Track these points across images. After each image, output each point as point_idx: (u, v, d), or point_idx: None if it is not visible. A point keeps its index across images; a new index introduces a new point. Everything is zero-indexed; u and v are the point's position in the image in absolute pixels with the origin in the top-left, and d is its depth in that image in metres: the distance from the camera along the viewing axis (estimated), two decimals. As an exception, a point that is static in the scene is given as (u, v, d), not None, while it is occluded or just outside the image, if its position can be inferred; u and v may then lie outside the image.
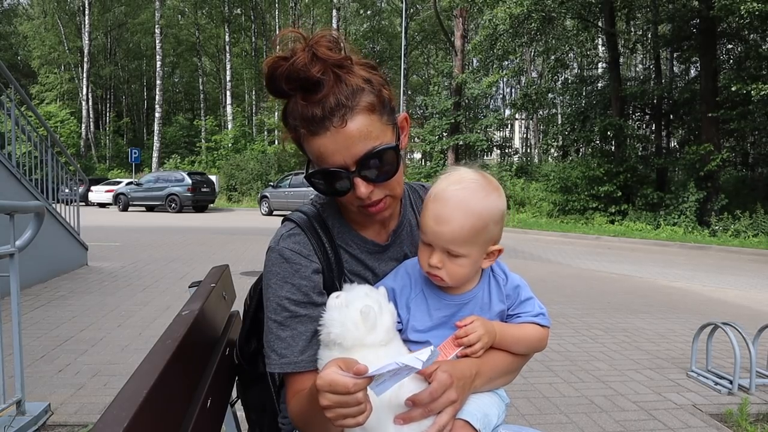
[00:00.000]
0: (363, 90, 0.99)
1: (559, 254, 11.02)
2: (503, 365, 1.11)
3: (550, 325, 1.15)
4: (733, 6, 13.15)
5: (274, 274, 1.08)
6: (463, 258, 1.03)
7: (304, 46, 0.97)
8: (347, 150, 0.98)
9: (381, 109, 1.01)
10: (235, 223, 16.98)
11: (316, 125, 0.97)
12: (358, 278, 1.14)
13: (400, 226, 1.20)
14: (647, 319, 5.45)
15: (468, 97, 26.22)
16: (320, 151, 0.99)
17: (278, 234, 1.12)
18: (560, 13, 16.79)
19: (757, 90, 13.08)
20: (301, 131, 1.00)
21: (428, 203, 1.06)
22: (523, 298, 1.13)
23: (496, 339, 1.07)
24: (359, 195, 1.01)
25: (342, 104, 0.96)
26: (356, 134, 0.97)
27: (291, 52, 0.98)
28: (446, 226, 1.01)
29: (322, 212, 1.16)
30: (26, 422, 2.57)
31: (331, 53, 0.98)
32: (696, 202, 15.34)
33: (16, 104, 6.01)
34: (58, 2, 39.09)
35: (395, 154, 1.03)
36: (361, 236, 1.16)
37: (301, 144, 1.04)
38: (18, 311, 2.59)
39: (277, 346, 1.05)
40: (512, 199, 20.73)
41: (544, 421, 2.90)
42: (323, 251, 1.11)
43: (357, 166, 0.99)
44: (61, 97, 40.27)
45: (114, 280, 6.53)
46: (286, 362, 1.05)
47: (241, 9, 40.42)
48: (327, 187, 1.04)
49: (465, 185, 1.05)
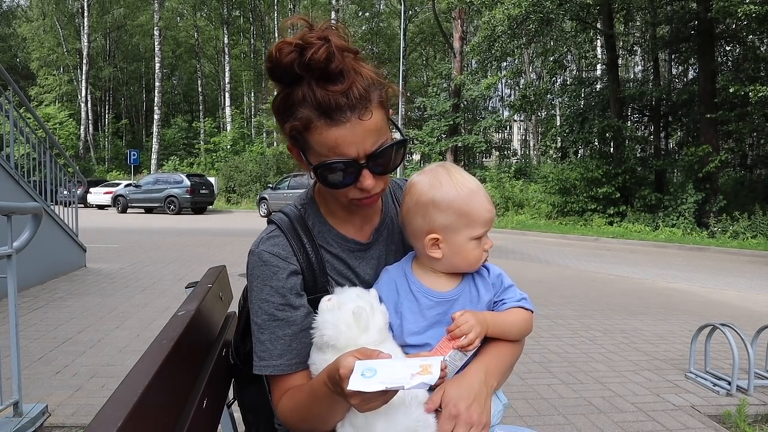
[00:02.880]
0: (376, 84, 1.00)
1: (557, 256, 11.02)
2: (506, 355, 1.11)
3: (534, 310, 1.17)
4: (730, 8, 13.19)
5: (255, 277, 1.09)
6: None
7: (320, 33, 0.96)
8: (362, 143, 0.98)
9: (386, 105, 1.04)
10: (233, 225, 16.97)
11: (337, 115, 0.95)
12: (340, 278, 1.14)
13: (383, 223, 1.21)
14: (646, 320, 5.45)
15: (467, 99, 26.23)
16: (336, 142, 0.97)
17: (259, 237, 1.13)
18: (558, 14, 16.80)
19: (755, 91, 13.11)
20: (314, 120, 0.97)
21: (469, 200, 1.08)
22: (506, 285, 1.16)
23: (489, 328, 1.07)
24: (364, 187, 1.02)
25: (363, 96, 0.97)
26: (373, 128, 0.99)
27: (302, 39, 0.95)
28: (493, 208, 1.12)
29: (304, 213, 1.16)
30: (23, 424, 2.56)
31: (347, 44, 0.98)
32: (694, 203, 15.36)
33: (15, 106, 6.01)
34: (57, 4, 39.05)
35: (404, 150, 1.05)
36: (342, 235, 1.16)
37: (304, 133, 0.99)
38: (16, 313, 2.59)
39: (258, 348, 1.07)
40: (511, 200, 20.74)
41: (543, 423, 2.89)
42: (303, 252, 1.11)
43: (367, 159, 1.00)
44: (59, 99, 40.21)
45: (112, 282, 6.52)
46: (265, 365, 1.06)
47: (240, 11, 40.45)
48: (332, 177, 1.02)
49: (465, 175, 1.12)
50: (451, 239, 1.08)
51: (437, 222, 1.08)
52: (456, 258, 1.10)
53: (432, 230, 1.08)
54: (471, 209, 1.08)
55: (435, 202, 1.08)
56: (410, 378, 0.81)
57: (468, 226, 1.08)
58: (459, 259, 1.10)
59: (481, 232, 1.10)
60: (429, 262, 1.12)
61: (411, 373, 0.82)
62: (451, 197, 1.07)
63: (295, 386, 1.06)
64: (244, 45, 40.88)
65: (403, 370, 0.83)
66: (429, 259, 1.11)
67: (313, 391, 0.98)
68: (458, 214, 1.07)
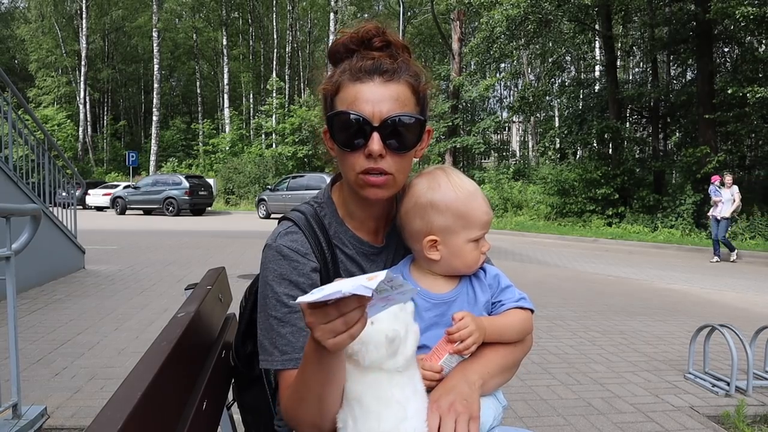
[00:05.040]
0: (416, 74, 1.08)
1: (556, 257, 11.02)
2: (494, 355, 1.10)
3: (534, 308, 1.17)
4: (728, 9, 13.22)
5: (272, 270, 1.07)
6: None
7: (377, 26, 1.09)
8: (379, 104, 1.01)
9: (419, 99, 1.08)
10: (232, 227, 16.96)
11: (362, 73, 1.03)
12: None
13: (394, 228, 1.20)
14: (644, 321, 5.46)
15: (465, 100, 26.24)
16: (356, 96, 1.02)
17: (276, 232, 1.12)
18: (557, 15, 16.83)
19: (753, 93, 13.13)
20: (344, 82, 1.04)
21: (467, 202, 1.09)
22: (503, 286, 1.16)
23: (486, 332, 1.07)
24: (370, 150, 1.01)
25: (394, 69, 1.04)
26: (393, 95, 1.02)
27: (359, 28, 1.09)
28: (490, 211, 1.14)
29: (320, 211, 1.16)
30: (22, 426, 2.55)
31: (400, 40, 1.10)
32: (693, 204, 15.36)
33: (14, 107, 6.01)
34: (55, 5, 39.02)
35: (420, 129, 1.07)
36: (357, 237, 1.16)
37: (333, 97, 1.06)
38: (14, 314, 2.59)
39: (279, 342, 1.04)
40: (510, 201, 20.74)
41: (542, 424, 2.90)
42: (320, 250, 1.11)
43: (380, 124, 1.01)
44: (58, 101, 40.15)
45: (111, 284, 6.51)
46: (287, 359, 1.03)
47: (239, 12, 40.45)
48: (344, 132, 1.04)
49: (463, 178, 1.14)
50: (449, 241, 1.09)
51: (436, 224, 1.08)
52: (454, 260, 1.10)
53: (430, 232, 1.09)
54: (469, 211, 1.09)
55: (434, 204, 1.08)
56: (351, 285, 0.72)
57: (466, 228, 1.09)
58: (457, 261, 1.11)
59: (479, 234, 1.11)
60: (427, 264, 1.12)
61: (355, 284, 0.73)
62: (449, 199, 1.08)
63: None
64: (243, 47, 40.88)
65: (349, 282, 0.74)
66: (427, 261, 1.11)
67: (302, 365, 0.93)
68: (456, 216, 1.08)
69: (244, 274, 6.97)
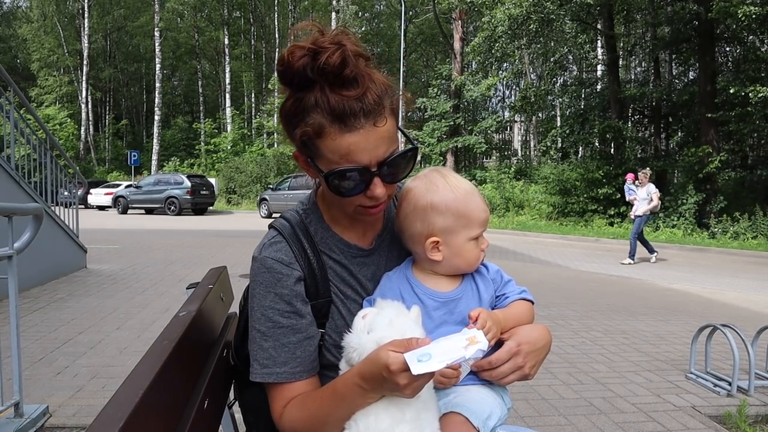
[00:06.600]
0: (388, 91, 0.99)
1: (558, 256, 11.02)
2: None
3: (534, 300, 1.21)
4: (730, 9, 13.21)
5: (258, 283, 1.08)
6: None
7: (333, 38, 0.93)
8: (375, 150, 0.97)
9: (397, 113, 1.04)
10: (234, 226, 16.98)
11: (352, 121, 0.93)
12: (343, 284, 1.14)
13: (385, 229, 1.20)
14: (646, 321, 5.45)
15: (467, 100, 26.23)
16: (350, 149, 0.95)
17: (261, 243, 1.12)
18: (559, 15, 16.81)
19: (755, 92, 13.12)
20: (327, 126, 0.94)
21: (466, 202, 1.10)
22: (506, 280, 1.21)
23: (503, 324, 1.09)
24: (375, 195, 1.00)
25: (377, 103, 0.95)
26: (386, 135, 0.97)
27: (315, 44, 0.93)
28: (488, 208, 1.16)
29: (305, 218, 1.15)
30: (24, 424, 2.56)
31: (361, 50, 0.95)
32: (695, 204, 15.35)
33: (16, 107, 6.02)
34: (57, 5, 39.08)
35: (414, 157, 1.05)
36: (344, 241, 1.15)
37: (315, 140, 0.97)
38: (16, 314, 2.59)
39: (260, 356, 1.06)
40: (511, 201, 20.73)
41: (543, 423, 2.89)
42: (305, 258, 1.10)
43: (379, 167, 0.99)
44: (60, 100, 40.20)
45: (113, 283, 6.52)
46: (267, 372, 1.05)
47: (241, 12, 40.49)
48: (343, 186, 0.99)
49: (459, 178, 1.15)
50: (450, 241, 1.10)
51: (437, 225, 1.09)
52: (456, 259, 1.11)
53: (432, 234, 1.09)
54: (468, 210, 1.10)
55: (433, 205, 1.09)
56: (465, 350, 0.87)
57: (466, 227, 1.10)
58: (459, 259, 1.12)
59: (479, 232, 1.12)
60: (430, 265, 1.13)
61: (462, 346, 0.87)
62: (448, 200, 1.09)
63: (303, 394, 1.04)
64: (245, 46, 40.88)
65: (454, 346, 0.88)
66: (430, 262, 1.12)
67: (335, 394, 0.96)
68: (457, 216, 1.09)
69: (246, 274, 6.97)
